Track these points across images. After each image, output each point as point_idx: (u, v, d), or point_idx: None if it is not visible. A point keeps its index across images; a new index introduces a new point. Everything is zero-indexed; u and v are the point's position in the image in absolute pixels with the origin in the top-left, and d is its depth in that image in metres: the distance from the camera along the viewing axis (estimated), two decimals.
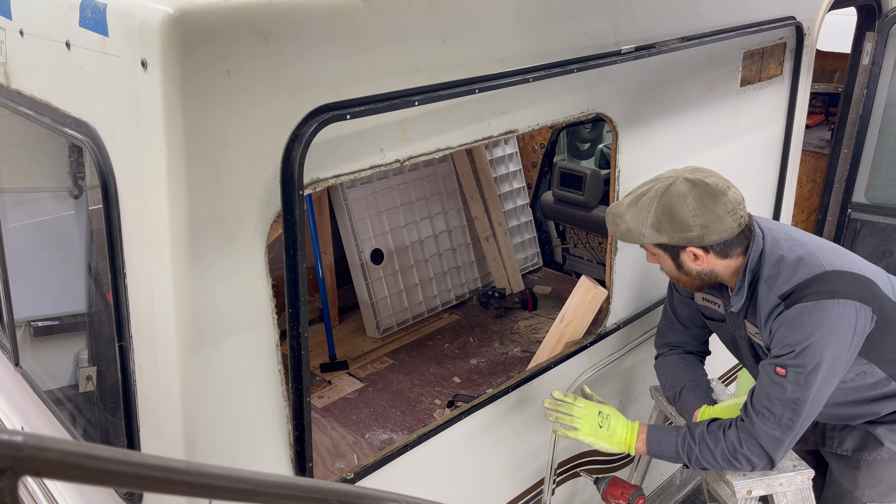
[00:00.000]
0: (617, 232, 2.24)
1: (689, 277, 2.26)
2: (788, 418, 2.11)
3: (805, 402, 2.09)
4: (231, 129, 1.58)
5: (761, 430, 2.13)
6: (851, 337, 2.09)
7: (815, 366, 2.06)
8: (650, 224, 2.16)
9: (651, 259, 2.32)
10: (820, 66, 5.46)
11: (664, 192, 2.16)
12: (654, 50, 2.51)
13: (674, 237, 2.15)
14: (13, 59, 2.05)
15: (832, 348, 2.07)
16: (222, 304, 1.69)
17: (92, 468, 0.72)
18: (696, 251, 2.17)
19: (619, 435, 2.32)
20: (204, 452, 1.75)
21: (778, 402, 2.10)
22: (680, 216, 2.14)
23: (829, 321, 2.06)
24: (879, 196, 4.22)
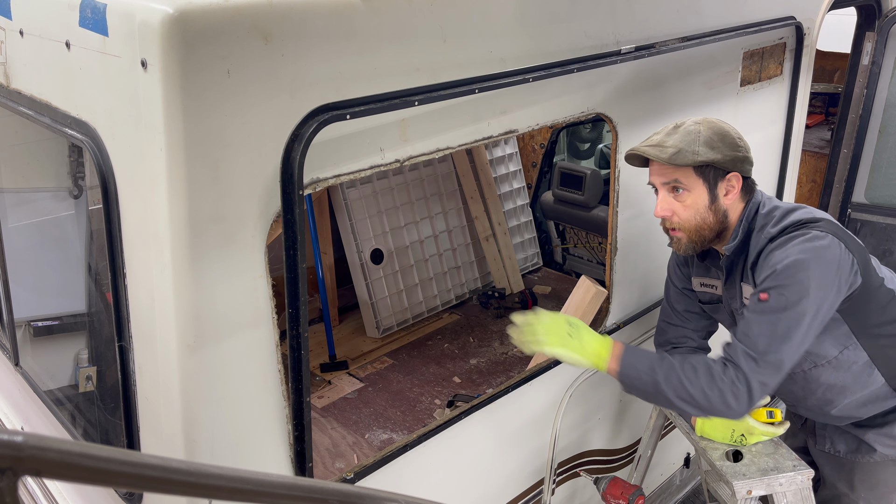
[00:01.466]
0: (664, 153, 2.14)
1: (714, 218, 2.20)
2: (770, 342, 2.03)
3: (788, 326, 2.02)
4: (231, 129, 1.58)
5: (745, 356, 2.05)
6: (836, 270, 2.05)
7: (800, 288, 2.02)
8: (703, 141, 2.13)
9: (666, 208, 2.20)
10: (820, 66, 5.46)
11: (703, 119, 2.19)
12: (654, 50, 2.51)
13: (727, 154, 2.14)
14: (13, 59, 2.05)
15: (817, 273, 2.02)
16: (222, 304, 1.69)
17: (92, 468, 0.72)
18: (733, 180, 2.17)
19: (590, 347, 2.16)
20: (204, 452, 1.75)
21: (758, 326, 2.05)
22: (730, 135, 2.17)
23: (814, 248, 2.04)
24: (879, 196, 4.22)
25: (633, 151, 2.24)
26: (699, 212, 2.19)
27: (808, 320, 2.04)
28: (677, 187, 2.18)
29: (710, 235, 2.24)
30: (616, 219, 2.68)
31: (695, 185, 2.17)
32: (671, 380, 2.08)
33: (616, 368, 2.15)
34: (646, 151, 2.19)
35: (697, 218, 2.20)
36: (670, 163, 2.14)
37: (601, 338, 2.19)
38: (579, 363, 2.17)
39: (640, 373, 2.13)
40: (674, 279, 2.53)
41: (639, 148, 2.22)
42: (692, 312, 2.52)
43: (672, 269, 2.54)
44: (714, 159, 2.13)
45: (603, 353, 2.16)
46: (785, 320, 2.02)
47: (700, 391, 2.05)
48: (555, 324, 2.16)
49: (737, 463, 2.33)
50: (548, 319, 2.17)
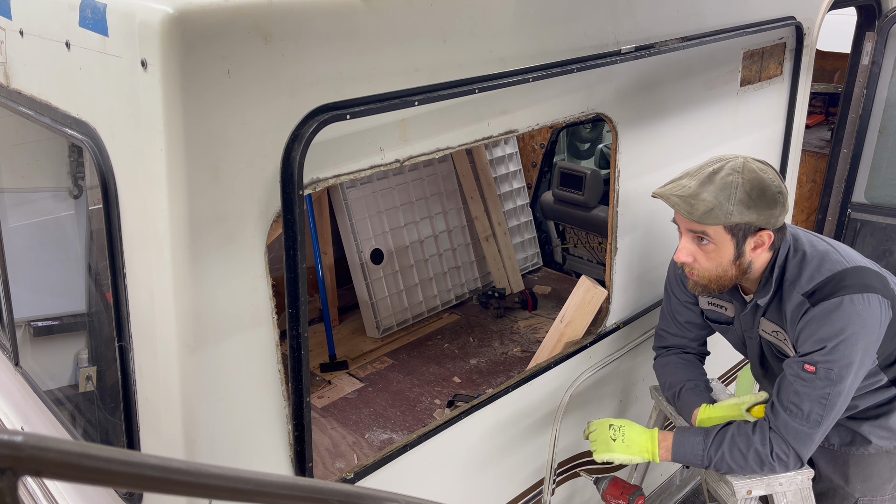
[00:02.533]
0: (694, 213, 2.03)
1: (736, 272, 2.14)
2: (818, 414, 2.08)
3: (835, 397, 2.07)
4: (231, 129, 1.58)
5: (791, 428, 2.11)
6: (878, 329, 2.08)
7: (848, 361, 2.05)
8: (738, 200, 2.01)
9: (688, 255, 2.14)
10: (820, 66, 5.46)
11: (743, 167, 2.05)
12: (654, 50, 2.51)
13: (762, 213, 2.03)
14: (13, 59, 2.05)
15: (863, 342, 2.05)
16: (222, 304, 1.69)
17: (92, 468, 0.72)
18: (764, 236, 2.08)
19: (637, 444, 2.29)
20: (204, 452, 1.75)
21: (807, 399, 2.08)
22: (769, 191, 2.03)
23: (859, 316, 2.04)
24: (879, 196, 4.22)
25: (662, 196, 2.11)
26: (721, 265, 2.13)
27: (854, 379, 2.10)
28: (703, 238, 2.10)
29: (729, 285, 2.20)
30: (616, 219, 2.68)
31: (722, 240, 2.08)
32: (721, 467, 2.20)
33: (668, 459, 2.27)
34: (675, 204, 2.07)
35: (719, 270, 2.14)
36: (701, 223, 2.04)
37: (646, 432, 2.30)
38: (631, 462, 2.31)
39: (692, 461, 2.24)
40: (676, 291, 2.53)
41: (669, 198, 2.08)
42: (693, 324, 2.53)
43: (674, 281, 2.53)
44: (749, 220, 2.04)
45: (651, 448, 2.28)
46: (835, 393, 2.07)
47: (750, 471, 2.19)
48: (600, 430, 2.32)
49: None
50: (594, 427, 2.34)
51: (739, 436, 2.17)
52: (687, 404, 2.44)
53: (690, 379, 2.48)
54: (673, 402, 2.51)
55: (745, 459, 2.16)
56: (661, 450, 2.27)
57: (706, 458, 2.21)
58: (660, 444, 2.28)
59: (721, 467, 2.21)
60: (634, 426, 2.33)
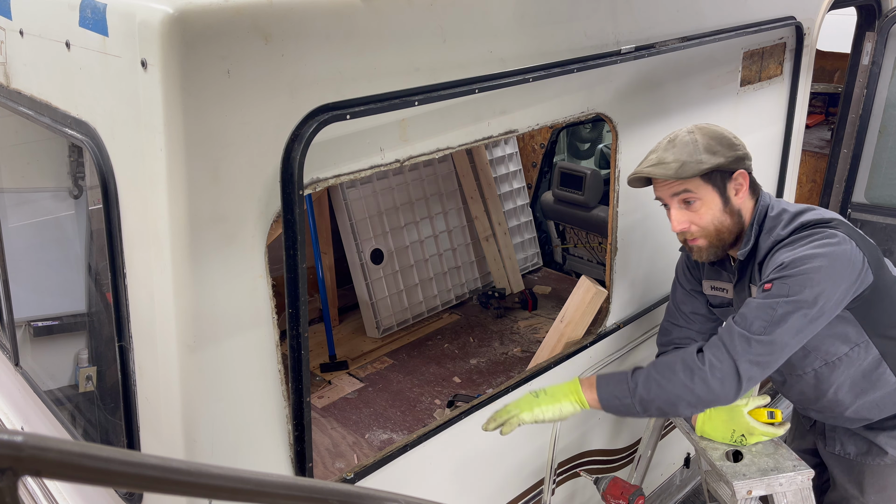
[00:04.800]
0: (668, 170, 2.13)
1: (731, 219, 2.20)
2: (762, 322, 2.00)
3: (785, 312, 1.99)
4: (231, 129, 1.58)
5: (732, 333, 2.03)
6: (846, 267, 2.03)
7: (802, 276, 2.00)
8: (703, 149, 2.13)
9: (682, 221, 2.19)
10: (820, 66, 5.46)
11: (694, 127, 2.19)
12: (654, 50, 2.51)
13: (729, 155, 2.14)
14: (13, 59, 2.05)
15: (823, 266, 2.01)
16: (222, 304, 1.69)
17: (92, 468, 0.72)
18: (742, 176, 2.17)
19: (561, 391, 2.16)
20: (204, 452, 1.75)
21: (755, 309, 2.03)
22: (725, 136, 2.17)
23: (823, 245, 2.03)
24: (879, 196, 4.22)
25: (636, 174, 2.22)
26: (716, 216, 2.19)
27: (811, 311, 2.01)
28: (688, 199, 2.17)
29: (730, 238, 2.23)
30: (616, 219, 2.68)
31: (705, 192, 2.16)
32: (651, 388, 2.07)
33: (594, 397, 2.15)
34: (651, 172, 2.17)
35: (715, 222, 2.19)
36: (677, 177, 2.13)
37: (567, 382, 2.20)
38: (561, 413, 2.16)
39: (619, 391, 2.12)
40: (682, 281, 2.53)
41: (642, 170, 2.21)
42: (698, 314, 2.52)
43: (681, 271, 2.54)
44: (718, 163, 2.13)
45: (575, 391, 2.16)
46: (784, 305, 2.00)
47: (683, 387, 2.04)
48: (522, 399, 2.18)
49: (737, 463, 2.32)
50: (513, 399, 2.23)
51: (666, 356, 2.12)
52: None
53: None
54: None
55: (672, 372, 2.05)
56: (584, 389, 2.16)
57: (632, 392, 2.09)
58: (583, 385, 2.17)
59: (652, 394, 2.07)
60: (554, 385, 2.22)
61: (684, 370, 2.05)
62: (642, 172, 2.20)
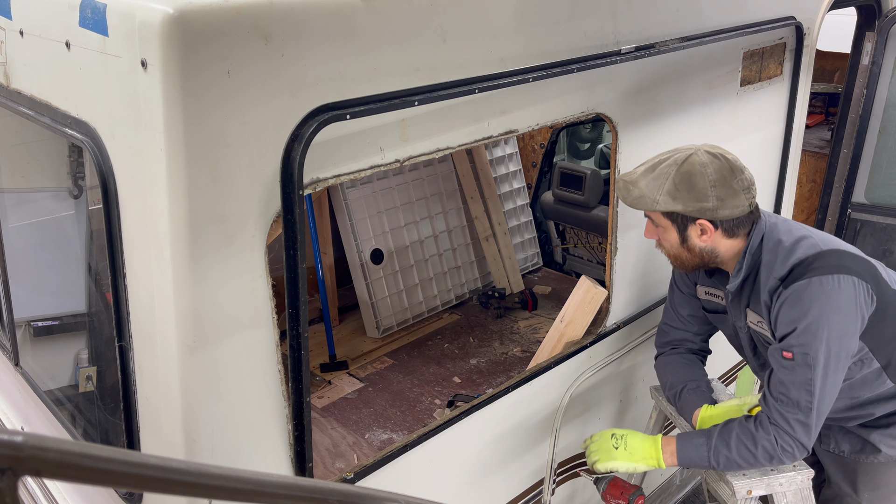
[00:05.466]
0: (628, 198, 2.21)
1: (690, 254, 2.24)
2: (806, 401, 2.08)
3: (816, 381, 2.07)
4: (231, 129, 1.58)
5: (786, 418, 2.11)
6: (854, 310, 2.08)
7: (819, 342, 2.04)
8: (666, 191, 2.14)
9: (651, 234, 2.30)
10: (820, 66, 5.46)
11: (684, 161, 2.16)
12: (654, 50, 2.51)
13: (689, 206, 2.14)
14: (13, 59, 2.05)
15: (834, 322, 2.05)
16: (222, 304, 1.69)
17: (92, 468, 0.72)
18: (705, 225, 2.17)
19: (639, 451, 2.28)
20: (204, 452, 1.75)
21: (793, 387, 2.09)
22: (698, 185, 2.13)
23: (827, 296, 2.05)
24: (879, 196, 4.22)
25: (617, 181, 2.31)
26: (674, 247, 2.26)
27: (836, 364, 2.08)
28: (653, 220, 2.26)
29: (693, 267, 2.31)
30: (616, 219, 2.68)
31: (665, 224, 2.22)
32: (731, 466, 2.20)
33: (675, 463, 2.27)
34: (618, 188, 2.26)
35: (673, 250, 2.28)
36: (633, 206, 2.23)
37: (649, 439, 2.29)
38: (635, 469, 2.30)
39: (698, 464, 2.24)
40: (678, 283, 2.55)
41: (618, 182, 2.28)
42: (695, 317, 2.53)
43: (677, 274, 2.55)
44: (674, 210, 2.15)
45: (656, 454, 2.27)
46: (817, 378, 2.07)
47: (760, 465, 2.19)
48: (601, 440, 2.32)
49: None
50: (596, 438, 2.35)
51: (744, 434, 2.16)
52: (688, 405, 2.44)
53: (692, 379, 2.48)
54: (674, 402, 2.51)
55: (753, 457, 2.15)
56: (665, 454, 2.27)
57: (712, 459, 2.20)
58: (664, 450, 2.27)
59: (730, 467, 2.20)
60: (637, 434, 2.32)
61: (764, 455, 2.15)
62: (617, 182, 2.29)
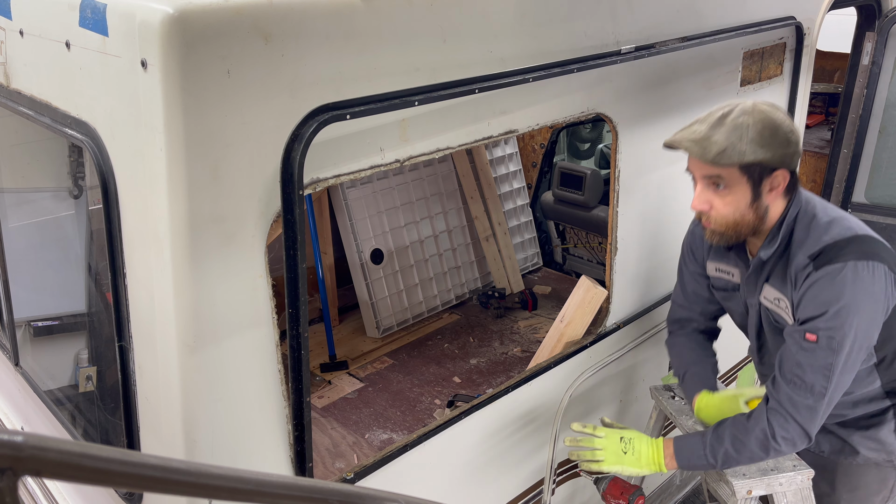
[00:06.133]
0: (707, 155, 2.01)
1: (754, 216, 2.10)
2: (822, 385, 2.02)
3: (837, 366, 2.01)
4: (231, 129, 1.58)
5: (795, 402, 2.05)
6: (883, 301, 2.03)
7: (848, 328, 1.99)
8: (751, 139, 1.98)
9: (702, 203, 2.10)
10: (820, 66, 5.46)
11: (753, 109, 2.02)
12: (654, 50, 2.51)
13: (777, 152, 2.00)
14: (13, 59, 2.05)
15: (865, 310, 1.99)
16: (222, 304, 1.69)
17: (92, 468, 0.72)
18: (780, 176, 2.04)
19: (645, 456, 2.25)
20: (204, 452, 1.75)
21: (810, 369, 2.02)
22: (780, 130, 2.01)
23: (862, 283, 1.99)
24: (879, 196, 4.22)
25: (674, 145, 2.10)
26: (738, 209, 2.09)
27: (857, 354, 2.04)
28: (718, 183, 2.07)
29: (747, 232, 2.15)
30: (616, 219, 2.67)
31: (738, 182, 2.05)
32: (729, 462, 2.17)
33: (675, 466, 2.24)
34: (689, 149, 2.05)
35: (736, 215, 2.10)
36: (713, 163, 2.02)
37: (652, 444, 2.27)
38: (640, 474, 2.28)
39: (697, 464, 2.22)
40: (687, 260, 2.48)
41: (681, 143, 2.07)
42: (700, 296, 2.47)
43: (687, 250, 2.49)
44: (761, 159, 2.00)
45: (658, 459, 2.24)
46: (838, 363, 2.01)
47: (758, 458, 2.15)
48: (610, 442, 2.26)
49: None
50: (603, 438, 2.28)
51: (736, 426, 2.13)
52: (689, 390, 2.43)
53: (695, 363, 2.45)
54: (680, 384, 2.51)
55: (745, 447, 2.10)
56: (666, 458, 2.24)
57: (709, 456, 2.18)
58: (665, 453, 2.24)
59: (728, 462, 2.16)
60: (642, 438, 2.29)
61: (759, 445, 2.10)
62: (681, 145, 2.07)
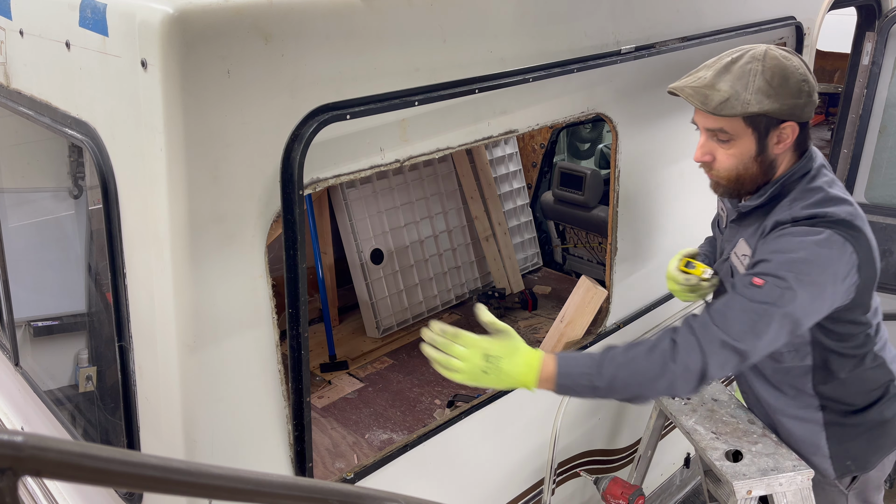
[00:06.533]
0: (709, 104, 1.90)
1: (760, 169, 1.99)
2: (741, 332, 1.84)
3: (769, 318, 1.83)
4: (231, 129, 1.58)
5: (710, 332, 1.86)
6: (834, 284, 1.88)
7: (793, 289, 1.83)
8: (757, 88, 1.87)
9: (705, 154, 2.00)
10: (820, 66, 5.47)
11: (764, 55, 1.90)
12: (654, 50, 2.51)
13: (785, 103, 1.88)
14: (13, 59, 2.05)
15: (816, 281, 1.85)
16: (222, 304, 1.69)
17: (92, 468, 0.72)
18: (789, 128, 1.92)
19: (511, 377, 1.89)
20: (204, 452, 1.75)
21: (740, 313, 1.85)
22: (791, 79, 1.88)
23: (830, 251, 1.86)
24: (879, 196, 4.22)
25: (676, 91, 2.00)
26: (742, 161, 1.98)
27: (794, 326, 1.90)
28: (720, 137, 1.97)
29: (751, 187, 2.04)
30: (616, 219, 2.68)
31: (742, 133, 1.94)
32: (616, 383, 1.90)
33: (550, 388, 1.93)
34: (690, 97, 1.95)
35: (740, 168, 1.99)
36: (716, 114, 1.91)
37: (526, 364, 1.90)
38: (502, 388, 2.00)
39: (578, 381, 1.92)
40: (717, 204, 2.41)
41: (683, 90, 1.97)
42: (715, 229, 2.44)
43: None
44: (768, 110, 1.88)
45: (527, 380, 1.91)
46: (769, 313, 1.85)
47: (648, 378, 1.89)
48: (471, 356, 1.88)
49: (737, 463, 2.32)
50: (464, 350, 1.89)
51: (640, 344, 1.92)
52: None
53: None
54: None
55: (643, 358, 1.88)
56: (540, 381, 1.91)
57: (595, 377, 1.89)
58: (543, 369, 1.90)
59: (614, 385, 1.88)
60: (515, 355, 1.89)
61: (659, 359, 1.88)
62: (681, 92, 1.98)
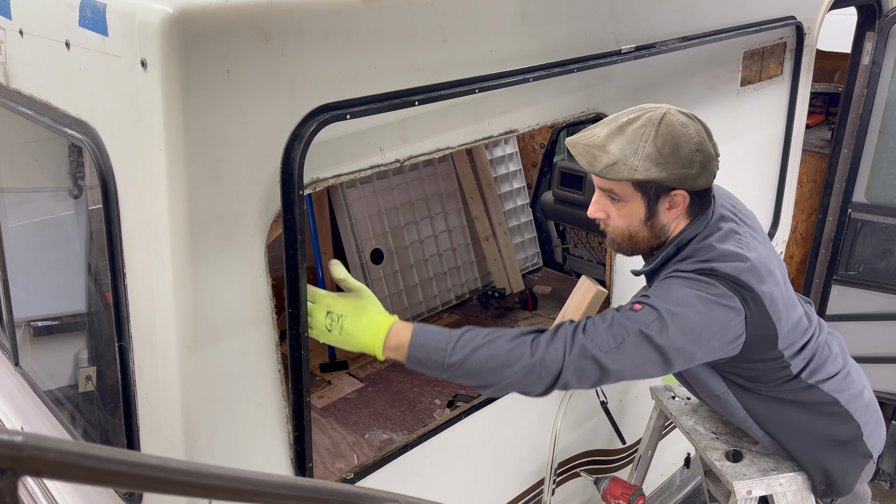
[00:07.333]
0: (596, 166, 1.85)
1: (650, 233, 1.97)
2: (604, 344, 1.80)
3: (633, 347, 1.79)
4: (231, 128, 1.58)
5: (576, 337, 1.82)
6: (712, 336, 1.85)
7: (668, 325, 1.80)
8: (646, 155, 1.81)
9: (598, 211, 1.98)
10: (820, 66, 5.46)
11: (661, 120, 1.84)
12: (654, 50, 2.51)
13: (673, 172, 1.83)
14: (13, 58, 2.05)
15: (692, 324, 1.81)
16: (222, 304, 1.69)
17: (92, 468, 0.72)
18: (679, 196, 1.89)
19: (357, 339, 1.83)
20: (204, 452, 1.75)
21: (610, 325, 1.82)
22: (683, 148, 1.83)
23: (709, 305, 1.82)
24: (879, 196, 4.22)
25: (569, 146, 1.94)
26: (632, 224, 1.97)
27: (659, 357, 1.84)
28: (612, 197, 1.95)
29: (644, 247, 2.03)
30: None
31: (632, 197, 1.92)
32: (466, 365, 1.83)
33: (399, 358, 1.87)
34: (579, 157, 1.89)
35: (630, 229, 1.99)
36: (602, 176, 1.88)
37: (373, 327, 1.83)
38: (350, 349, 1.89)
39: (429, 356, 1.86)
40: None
41: (575, 147, 1.91)
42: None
43: None
44: (656, 178, 1.84)
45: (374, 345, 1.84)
46: (637, 338, 1.81)
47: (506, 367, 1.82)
48: (316, 310, 1.82)
49: (737, 463, 2.33)
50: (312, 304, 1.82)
51: (506, 332, 1.85)
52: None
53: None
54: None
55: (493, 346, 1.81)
56: (386, 349, 1.85)
57: (447, 355, 1.82)
58: (389, 338, 1.84)
59: (464, 367, 1.81)
60: (363, 315, 1.82)
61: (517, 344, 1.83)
62: (572, 149, 1.92)
